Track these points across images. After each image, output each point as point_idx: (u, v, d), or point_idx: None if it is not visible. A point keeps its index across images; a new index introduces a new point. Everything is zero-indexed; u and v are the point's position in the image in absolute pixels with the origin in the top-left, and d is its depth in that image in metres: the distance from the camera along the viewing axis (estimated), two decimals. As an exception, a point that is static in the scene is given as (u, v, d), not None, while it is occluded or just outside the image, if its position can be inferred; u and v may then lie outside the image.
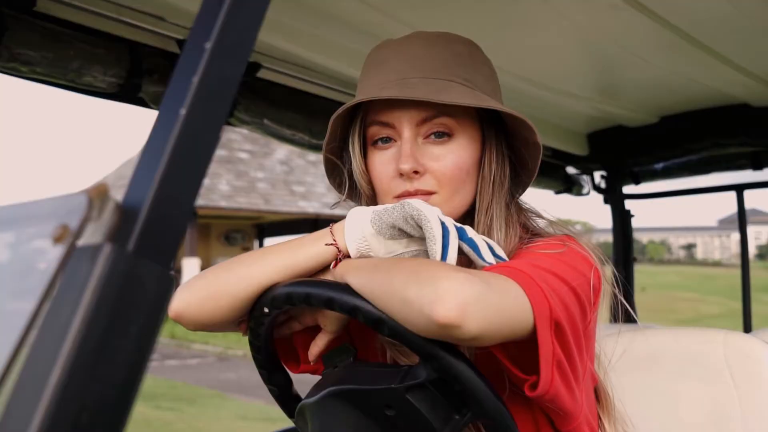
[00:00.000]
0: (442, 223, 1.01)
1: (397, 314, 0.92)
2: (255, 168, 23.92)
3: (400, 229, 1.04)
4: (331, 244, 1.09)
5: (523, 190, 1.27)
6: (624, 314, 1.22)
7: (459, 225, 1.05)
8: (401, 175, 1.15)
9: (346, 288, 1.00)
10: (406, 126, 1.16)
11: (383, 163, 1.19)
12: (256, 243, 29.51)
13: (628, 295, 2.56)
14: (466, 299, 0.84)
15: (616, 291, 1.17)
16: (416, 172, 1.14)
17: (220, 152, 23.04)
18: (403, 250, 1.06)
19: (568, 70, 2.32)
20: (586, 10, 1.76)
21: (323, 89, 2.18)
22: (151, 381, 11.75)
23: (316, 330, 1.15)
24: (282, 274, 1.08)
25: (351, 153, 1.23)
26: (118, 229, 0.44)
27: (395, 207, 1.05)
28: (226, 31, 0.49)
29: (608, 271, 1.14)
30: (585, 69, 2.34)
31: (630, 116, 2.82)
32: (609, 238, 3.22)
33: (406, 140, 1.16)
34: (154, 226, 0.45)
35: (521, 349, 0.96)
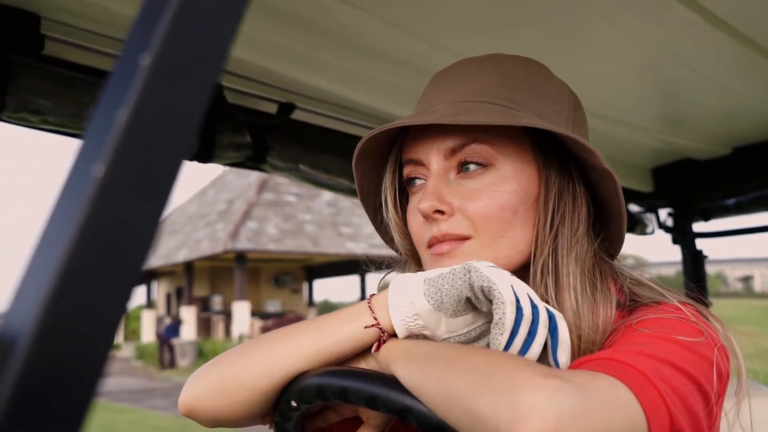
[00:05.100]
0: (534, 307, 0.79)
1: (461, 428, 0.69)
2: (302, 210, 24.02)
3: (467, 302, 0.82)
4: (372, 326, 0.88)
5: (618, 246, 1.00)
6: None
7: (552, 310, 0.81)
8: (427, 218, 0.94)
9: (392, 382, 0.78)
10: (433, 159, 0.96)
11: (413, 208, 0.99)
12: (305, 285, 29.50)
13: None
14: (559, 418, 0.61)
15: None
16: (440, 212, 0.92)
17: (268, 196, 23.26)
18: (467, 329, 0.83)
19: (632, 98, 2.10)
20: (657, 30, 1.55)
21: (363, 129, 2.00)
22: None
23: (359, 419, 0.95)
24: (310, 360, 0.87)
25: (383, 202, 1.04)
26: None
27: (455, 273, 0.83)
28: (177, 37, 0.29)
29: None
30: (651, 97, 2.11)
31: (699, 148, 2.57)
32: (662, 271, 2.93)
33: (432, 176, 0.95)
34: (41, 375, 0.25)
35: None
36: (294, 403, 0.86)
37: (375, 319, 0.88)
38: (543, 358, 0.80)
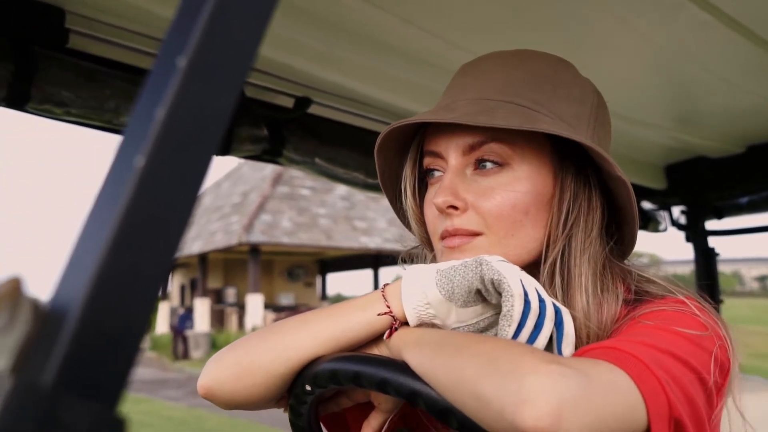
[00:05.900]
0: (541, 301, 0.82)
1: (468, 411, 0.72)
2: (317, 204, 24.06)
3: (477, 293, 0.85)
4: (385, 314, 0.91)
5: (630, 248, 1.02)
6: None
7: (558, 305, 0.84)
8: (441, 212, 0.96)
9: (403, 367, 0.81)
10: (452, 154, 0.97)
11: (429, 200, 1.01)
12: (318, 278, 29.61)
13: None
14: (561, 402, 0.64)
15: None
16: (454, 208, 0.95)
17: (282, 189, 23.30)
18: (477, 319, 0.86)
19: (645, 97, 2.11)
20: (669, 31, 1.57)
21: (379, 124, 2.03)
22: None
23: (371, 404, 0.98)
24: (325, 346, 0.90)
25: (403, 190, 1.07)
26: (33, 350, 0.28)
27: (467, 265, 0.86)
28: (210, 41, 0.32)
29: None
30: (664, 96, 2.13)
31: (713, 146, 2.59)
32: (678, 269, 2.94)
33: (449, 170, 0.97)
34: (89, 342, 0.28)
35: None
36: (308, 387, 0.89)
37: (388, 307, 0.91)
38: (548, 350, 0.83)
